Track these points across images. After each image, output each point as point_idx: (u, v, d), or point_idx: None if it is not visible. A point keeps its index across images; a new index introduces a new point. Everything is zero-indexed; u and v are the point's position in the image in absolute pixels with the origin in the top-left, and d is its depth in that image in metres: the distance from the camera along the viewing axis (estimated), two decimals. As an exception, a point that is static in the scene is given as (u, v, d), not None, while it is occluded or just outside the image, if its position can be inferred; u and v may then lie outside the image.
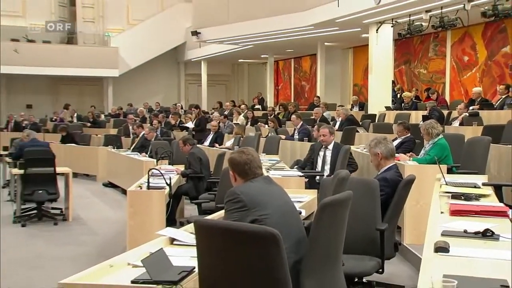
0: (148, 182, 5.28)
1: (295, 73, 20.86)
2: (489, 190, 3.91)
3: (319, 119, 10.69)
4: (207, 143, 10.37)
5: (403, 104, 12.11)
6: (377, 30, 11.87)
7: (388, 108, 11.94)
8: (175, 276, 2.38)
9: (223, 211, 2.89)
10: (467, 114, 8.89)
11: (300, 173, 6.08)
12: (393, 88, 13.03)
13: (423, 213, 4.63)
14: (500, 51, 12.22)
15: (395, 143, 6.34)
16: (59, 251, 5.97)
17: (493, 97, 11.65)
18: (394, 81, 13.89)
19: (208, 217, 3.66)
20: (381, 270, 3.65)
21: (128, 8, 21.65)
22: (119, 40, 20.49)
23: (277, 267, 2.21)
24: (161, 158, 7.70)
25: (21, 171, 7.28)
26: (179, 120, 13.59)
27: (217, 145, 10.00)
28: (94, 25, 21.23)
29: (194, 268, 2.46)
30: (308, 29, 13.27)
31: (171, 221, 5.88)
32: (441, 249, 2.39)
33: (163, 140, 9.73)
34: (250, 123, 12.97)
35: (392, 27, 11.65)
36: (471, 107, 9.49)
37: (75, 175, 10.39)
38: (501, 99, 9.78)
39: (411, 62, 15.09)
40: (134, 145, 10.48)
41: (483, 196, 3.71)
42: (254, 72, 23.97)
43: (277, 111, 14.32)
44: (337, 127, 10.01)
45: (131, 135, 12.22)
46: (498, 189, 4.36)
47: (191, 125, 12.82)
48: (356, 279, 3.76)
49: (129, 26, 21.35)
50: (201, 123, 12.51)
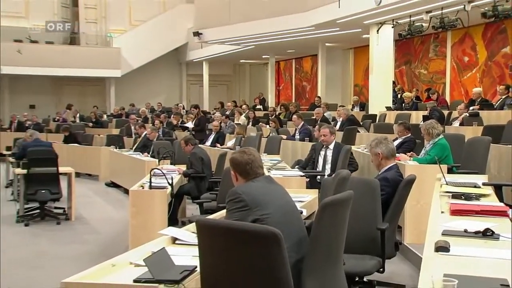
0: (150, 182, 5.29)
1: (296, 73, 20.84)
2: (489, 190, 3.91)
3: (320, 119, 10.69)
4: (208, 143, 10.38)
5: (403, 104, 12.09)
6: (377, 31, 11.86)
7: (388, 108, 11.93)
8: (177, 275, 2.38)
9: (224, 210, 2.88)
10: (467, 114, 8.90)
11: (301, 173, 6.10)
12: (393, 89, 13.01)
13: (423, 212, 4.64)
14: (500, 51, 12.20)
15: (395, 143, 6.34)
16: (62, 250, 5.99)
17: (493, 97, 11.64)
18: (394, 81, 13.87)
19: (210, 217, 3.68)
20: (381, 269, 3.66)
21: (130, 9, 21.66)
22: (121, 41, 20.51)
23: (278, 267, 2.22)
24: (163, 158, 7.72)
25: (24, 171, 7.30)
26: (180, 120, 13.61)
27: (218, 145, 10.01)
28: (96, 26, 21.28)
29: (196, 267, 2.46)
30: (309, 29, 13.27)
31: (173, 220, 5.87)
32: (441, 248, 2.39)
33: (165, 140, 9.75)
34: (251, 123, 12.96)
35: (392, 27, 11.63)
36: (471, 108, 9.49)
37: (78, 174, 10.35)
38: (501, 99, 9.78)
39: (411, 62, 15.08)
40: (136, 145, 10.49)
41: (483, 195, 3.71)
42: (256, 73, 23.96)
43: (278, 111, 14.33)
44: (338, 127, 10.03)
45: (133, 135, 12.24)
46: (498, 189, 4.36)
47: (190, 125, 12.83)
48: (357, 278, 3.77)
49: (131, 27, 21.37)
50: (200, 122, 12.51)
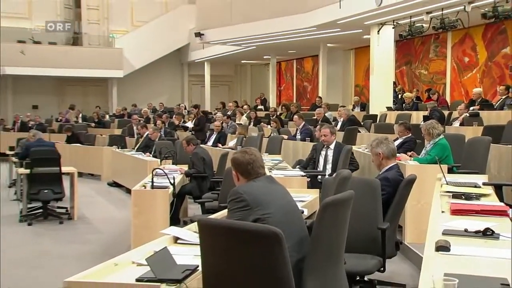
0: (152, 182, 5.31)
1: (297, 74, 20.84)
2: (489, 190, 3.92)
3: (321, 119, 10.70)
4: (210, 143, 10.42)
5: (404, 105, 12.10)
6: (378, 32, 11.87)
7: (389, 109, 11.94)
8: (179, 274, 2.38)
9: (226, 210, 2.88)
10: (468, 114, 8.90)
11: (302, 173, 6.12)
12: (394, 89, 13.00)
13: (424, 212, 4.66)
14: (500, 52, 12.21)
15: (396, 143, 6.36)
16: (65, 250, 6.02)
17: (493, 97, 11.65)
18: (395, 82, 13.86)
19: (212, 216, 3.71)
20: (382, 269, 3.67)
21: (132, 10, 21.70)
22: (124, 42, 20.54)
23: (279, 266, 2.23)
24: (165, 158, 7.74)
25: (27, 171, 7.33)
26: (182, 120, 13.65)
27: (220, 145, 10.04)
28: (99, 26, 21.32)
29: (198, 266, 2.47)
30: (310, 30, 13.28)
31: (175, 220, 5.88)
32: (442, 248, 2.39)
33: (167, 140, 9.77)
34: (252, 123, 12.99)
35: (393, 28, 11.63)
36: (471, 108, 9.50)
37: (80, 174, 10.43)
38: (501, 99, 9.80)
39: (412, 63, 15.08)
40: (138, 145, 10.52)
41: (483, 195, 3.72)
42: (257, 73, 23.98)
43: (279, 111, 14.34)
44: (339, 127, 10.05)
45: (135, 135, 12.27)
46: (498, 189, 4.35)
47: (190, 124, 12.86)
48: (358, 278, 3.79)
49: (133, 27, 21.40)
50: (200, 122, 12.52)
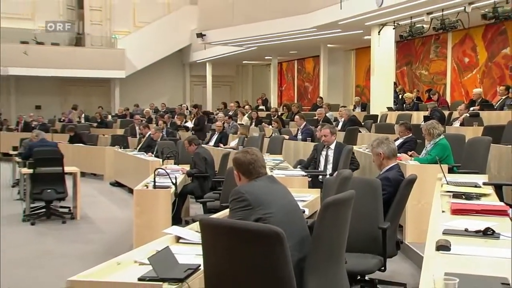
0: (154, 182, 5.33)
1: (298, 74, 20.85)
2: (489, 190, 3.92)
3: (322, 119, 10.70)
4: (212, 143, 10.45)
5: (404, 105, 12.11)
6: (379, 32, 11.89)
7: (390, 109, 11.97)
8: (181, 273, 2.38)
9: (227, 210, 2.89)
10: (468, 114, 8.92)
11: (303, 173, 6.15)
12: (394, 89, 13.02)
13: (424, 212, 4.67)
14: (500, 52, 12.22)
15: (397, 143, 6.39)
16: (67, 249, 6.04)
17: (493, 98, 11.66)
18: (395, 82, 13.87)
19: (213, 216, 3.73)
20: (383, 268, 3.68)
21: (134, 11, 21.74)
22: (126, 42, 20.59)
23: (281, 265, 2.23)
24: (167, 158, 7.74)
25: (30, 171, 7.35)
26: (184, 120, 13.68)
27: (221, 145, 10.07)
28: (101, 27, 21.39)
29: (200, 266, 2.46)
30: (311, 31, 13.30)
31: (177, 219, 5.89)
32: (442, 247, 2.39)
33: (169, 140, 9.78)
34: (254, 123, 13.00)
35: (393, 29, 11.66)
36: (471, 108, 9.52)
37: (83, 174, 10.42)
38: (501, 100, 9.82)
39: (412, 63, 15.10)
40: (140, 145, 10.55)
41: (483, 195, 3.72)
42: (258, 74, 23.99)
43: (280, 111, 14.35)
44: (339, 127, 10.07)
45: (138, 135, 12.30)
46: (498, 189, 4.34)
47: (190, 124, 12.88)
48: (359, 277, 3.81)
49: (135, 28, 21.45)
50: (200, 122, 12.53)
